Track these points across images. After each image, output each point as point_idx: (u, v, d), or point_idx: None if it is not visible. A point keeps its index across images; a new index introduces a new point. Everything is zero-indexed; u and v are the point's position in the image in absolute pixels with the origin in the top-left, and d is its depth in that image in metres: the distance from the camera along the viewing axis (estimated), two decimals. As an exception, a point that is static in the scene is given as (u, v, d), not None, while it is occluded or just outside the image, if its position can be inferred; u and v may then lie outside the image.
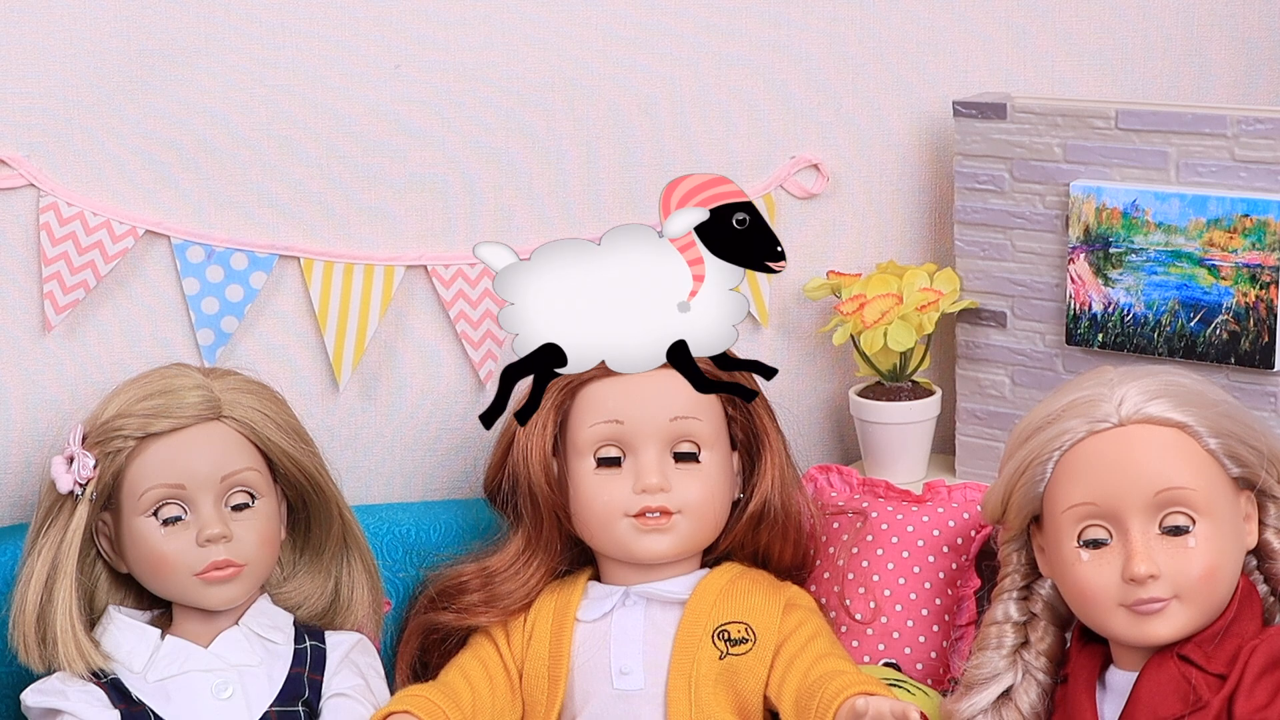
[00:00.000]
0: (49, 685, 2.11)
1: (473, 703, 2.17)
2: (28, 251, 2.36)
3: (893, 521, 2.31)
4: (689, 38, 2.48)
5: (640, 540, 2.20)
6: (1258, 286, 2.27)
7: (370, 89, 2.41)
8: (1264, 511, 2.02)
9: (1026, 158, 2.42)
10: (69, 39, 2.32)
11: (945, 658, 2.26)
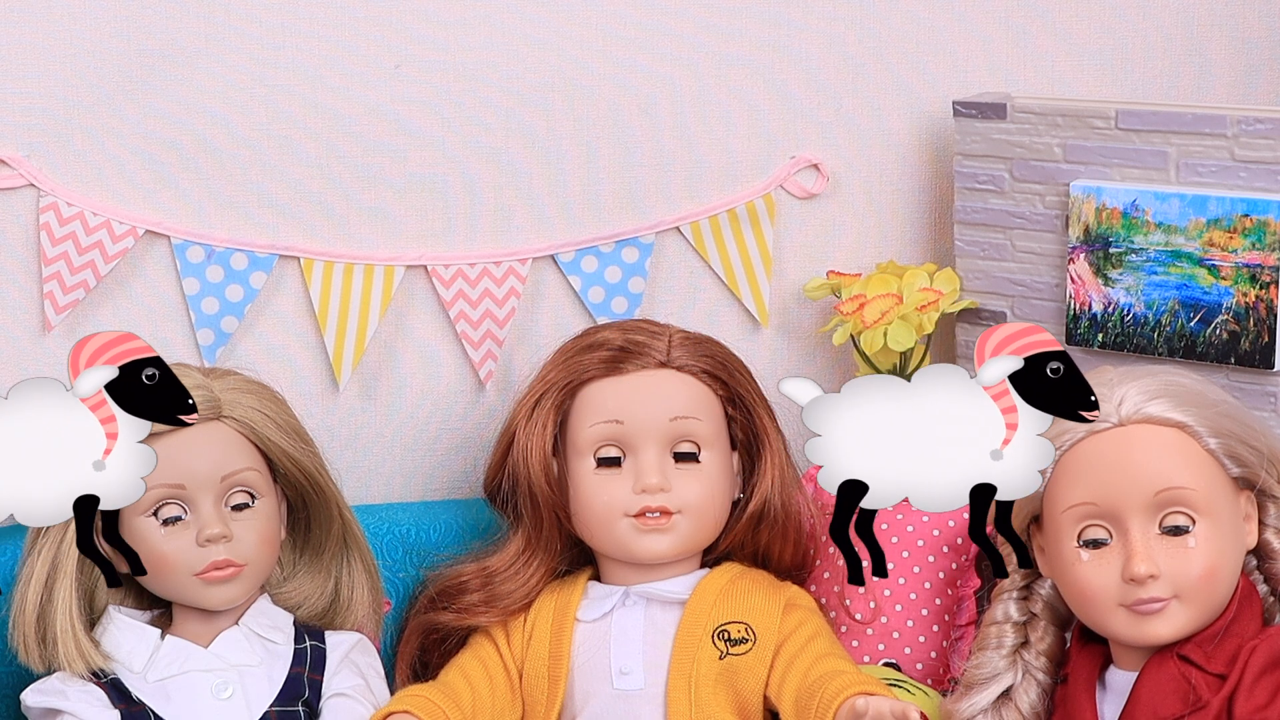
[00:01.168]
0: (49, 685, 2.11)
1: (473, 703, 2.17)
2: (28, 251, 2.36)
3: (893, 521, 2.31)
4: (689, 38, 2.48)
5: (640, 540, 2.20)
6: (1258, 286, 2.27)
7: (370, 89, 2.41)
8: (1264, 511, 2.02)
9: (1026, 158, 2.42)
10: (69, 39, 2.32)
11: (945, 658, 2.26)
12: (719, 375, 2.25)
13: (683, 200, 2.51)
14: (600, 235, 2.49)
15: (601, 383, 2.23)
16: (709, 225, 2.51)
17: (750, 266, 2.52)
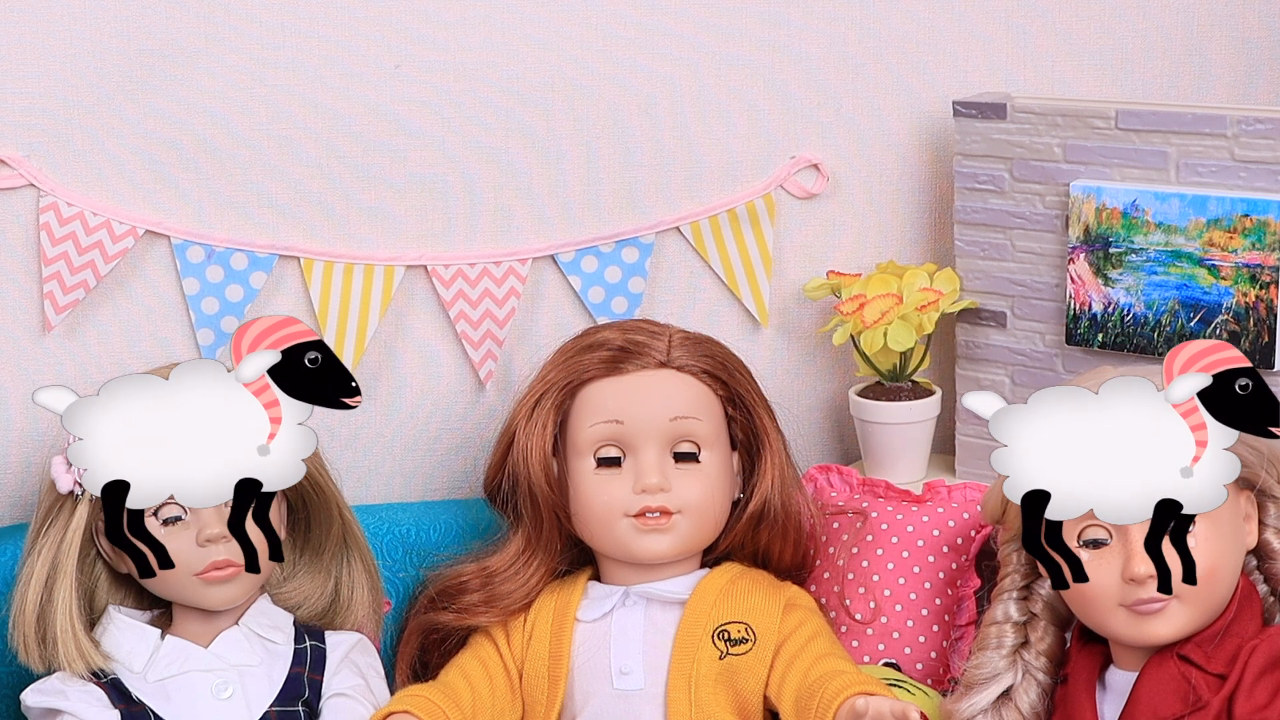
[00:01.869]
0: (49, 685, 2.11)
1: (473, 703, 2.17)
2: (28, 251, 2.36)
3: (893, 521, 2.31)
4: (689, 38, 2.48)
5: (640, 540, 2.20)
6: (1258, 286, 2.27)
7: (370, 89, 2.41)
8: (1264, 511, 2.02)
9: (1026, 158, 2.42)
10: (69, 39, 2.32)
11: (945, 658, 2.26)
12: (719, 375, 2.25)
13: (683, 200, 2.51)
14: (600, 235, 2.49)
15: (601, 383, 2.23)
16: (709, 225, 2.51)
17: (750, 266, 2.52)
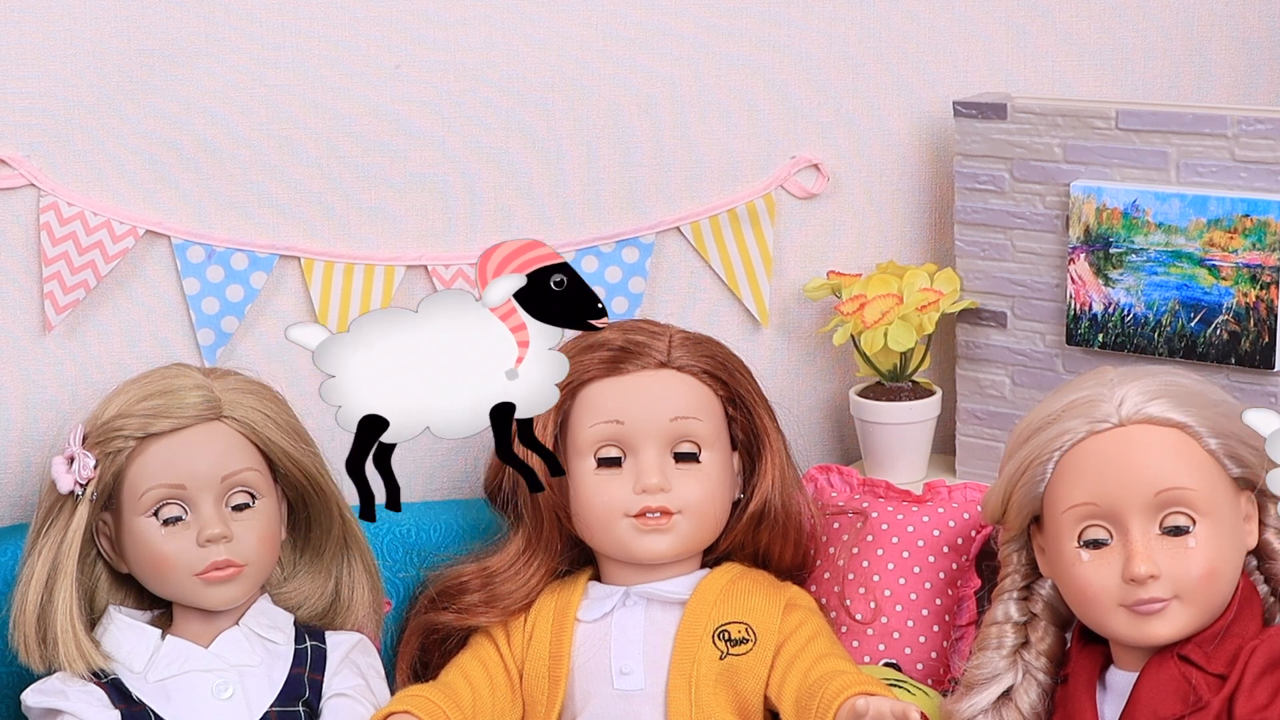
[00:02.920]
0: (49, 685, 2.11)
1: (473, 703, 2.17)
2: (28, 251, 2.36)
3: (893, 521, 2.31)
4: (689, 38, 2.48)
5: (640, 540, 2.20)
6: (1258, 286, 2.27)
7: (370, 89, 2.41)
8: (1264, 512, 2.02)
9: (1026, 158, 2.42)
10: (69, 39, 2.32)
11: (945, 658, 2.26)
12: (719, 375, 2.25)
13: (683, 200, 2.51)
14: (600, 235, 2.49)
15: (602, 383, 2.23)
16: (709, 225, 2.51)
17: (750, 266, 2.52)
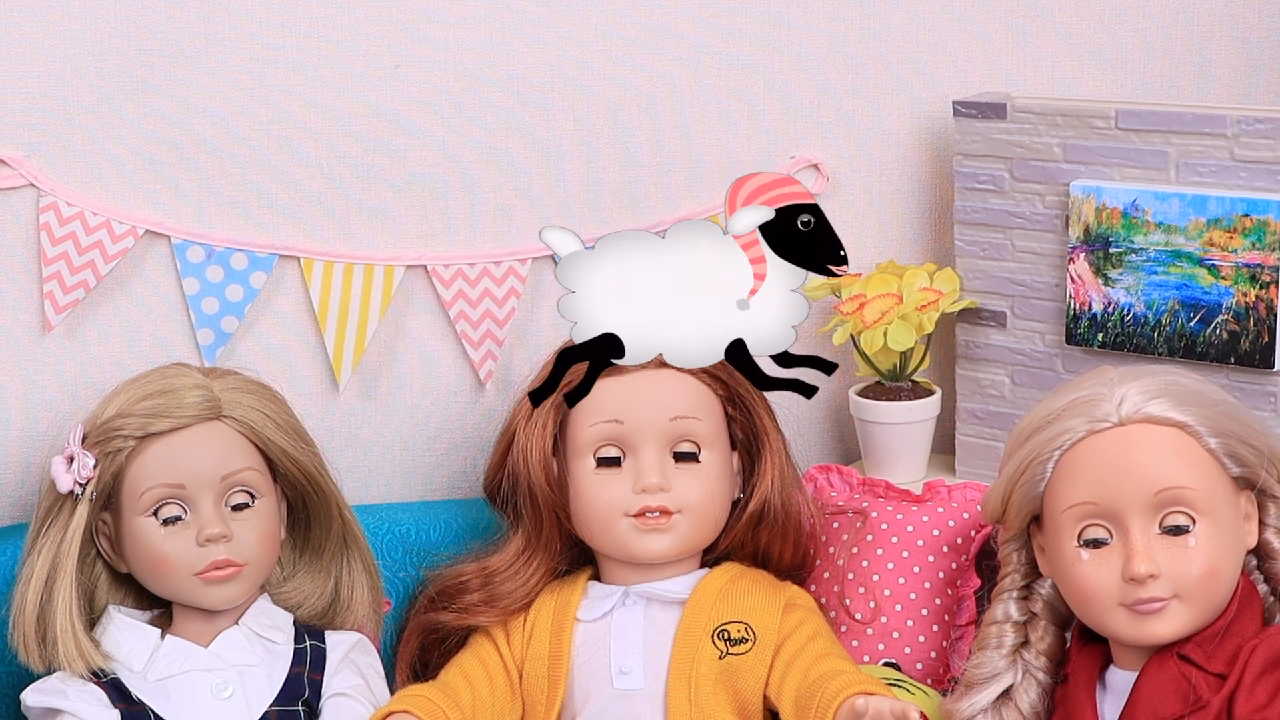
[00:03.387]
0: (49, 685, 2.11)
1: (473, 703, 2.17)
2: (28, 251, 2.36)
3: (893, 521, 2.31)
4: (689, 38, 2.48)
5: (640, 540, 2.20)
6: (1258, 286, 2.27)
7: (370, 89, 2.41)
8: (1264, 511, 2.02)
9: (1026, 158, 2.42)
10: (69, 39, 2.32)
11: (945, 657, 2.26)
12: (719, 375, 2.25)
13: (683, 200, 2.51)
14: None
15: (601, 383, 2.22)
16: (709, 225, 2.51)
17: (750, 266, 2.52)
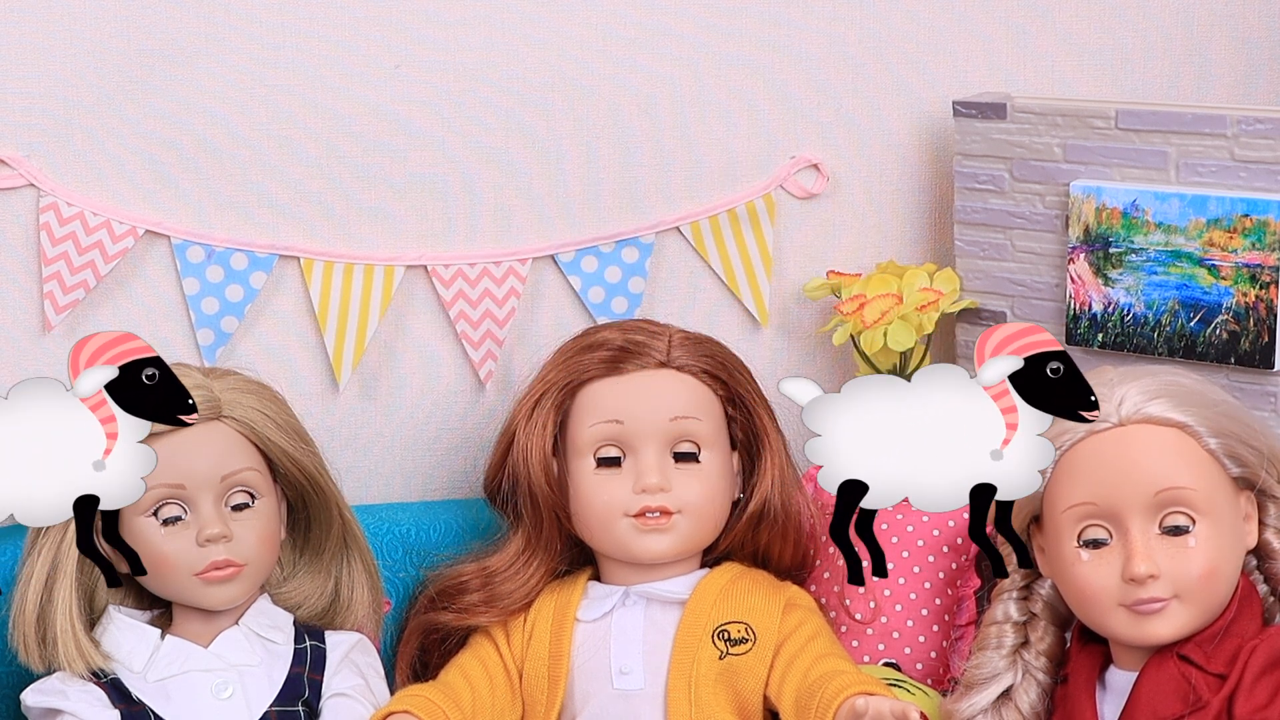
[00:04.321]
0: (49, 685, 2.11)
1: (473, 703, 2.17)
2: (28, 251, 2.36)
3: (892, 521, 2.31)
4: (689, 38, 2.48)
5: (640, 540, 2.20)
6: (1258, 286, 2.27)
7: (370, 89, 2.41)
8: (1264, 511, 2.02)
9: (1026, 158, 2.42)
10: (69, 39, 2.32)
11: (945, 658, 2.26)
12: (719, 375, 2.25)
13: (683, 200, 2.51)
14: (600, 235, 2.49)
15: (601, 383, 2.23)
16: (709, 225, 2.51)
17: (750, 266, 2.52)
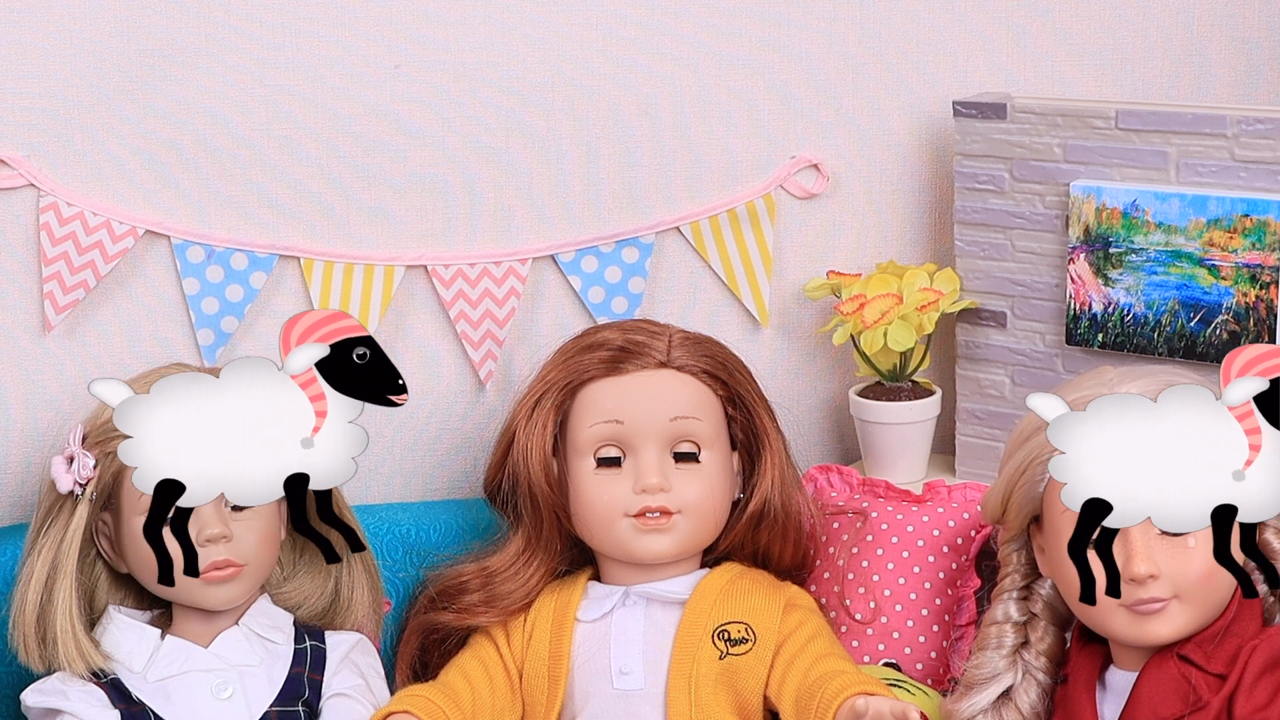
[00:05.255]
0: (49, 685, 2.11)
1: (473, 703, 2.17)
2: (28, 251, 2.36)
3: (893, 521, 2.31)
4: (689, 38, 2.48)
5: (640, 540, 2.20)
6: (1258, 286, 2.27)
7: (370, 89, 2.41)
8: (1264, 511, 2.02)
9: (1026, 158, 2.42)
10: (69, 39, 2.32)
11: (945, 658, 2.26)
12: (719, 375, 2.25)
13: (683, 200, 2.51)
14: (600, 235, 2.49)
15: (601, 383, 2.23)
16: (709, 225, 2.51)
17: (750, 266, 2.52)
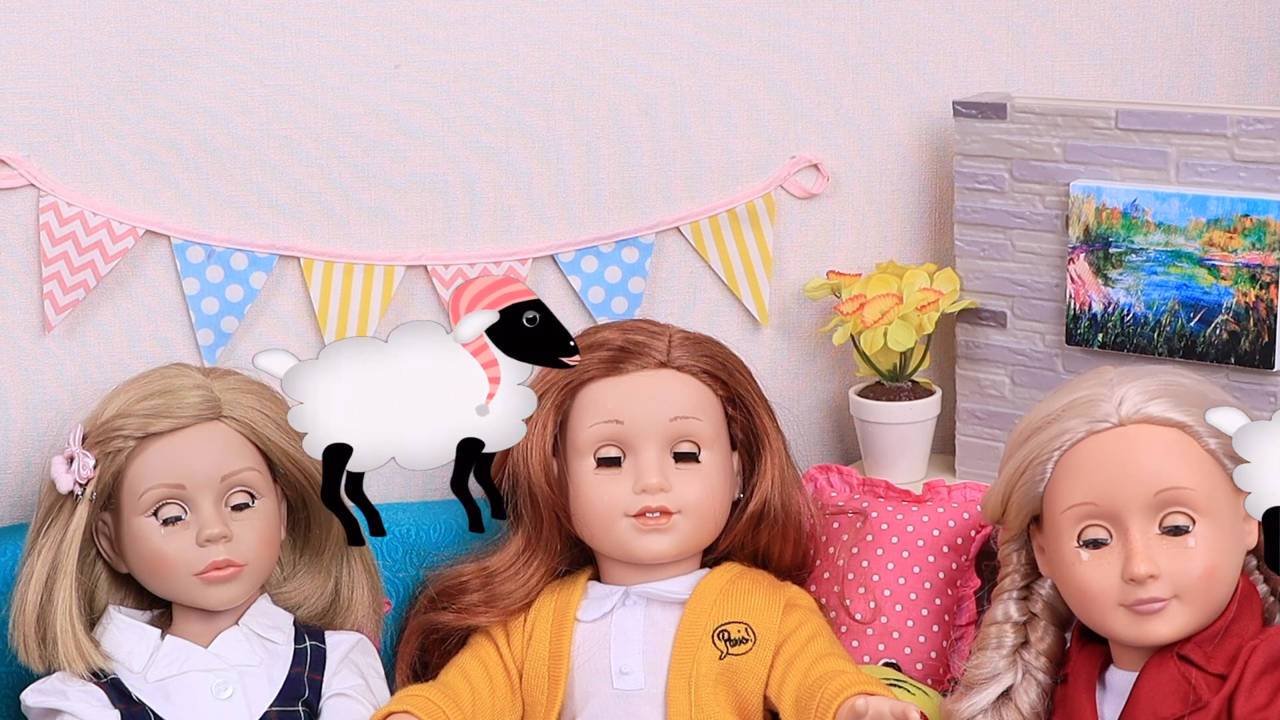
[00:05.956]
0: (49, 685, 2.11)
1: (473, 703, 2.17)
2: (28, 251, 2.36)
3: (893, 521, 2.31)
4: (689, 38, 2.48)
5: (640, 540, 2.20)
6: (1258, 286, 2.27)
7: (370, 89, 2.41)
8: (1264, 511, 2.02)
9: (1026, 158, 2.42)
10: (69, 39, 2.32)
11: (945, 658, 2.26)
12: (719, 375, 2.25)
13: (683, 200, 2.51)
14: (600, 235, 2.49)
15: (601, 383, 2.23)
16: (709, 225, 2.51)
17: (750, 266, 2.52)
